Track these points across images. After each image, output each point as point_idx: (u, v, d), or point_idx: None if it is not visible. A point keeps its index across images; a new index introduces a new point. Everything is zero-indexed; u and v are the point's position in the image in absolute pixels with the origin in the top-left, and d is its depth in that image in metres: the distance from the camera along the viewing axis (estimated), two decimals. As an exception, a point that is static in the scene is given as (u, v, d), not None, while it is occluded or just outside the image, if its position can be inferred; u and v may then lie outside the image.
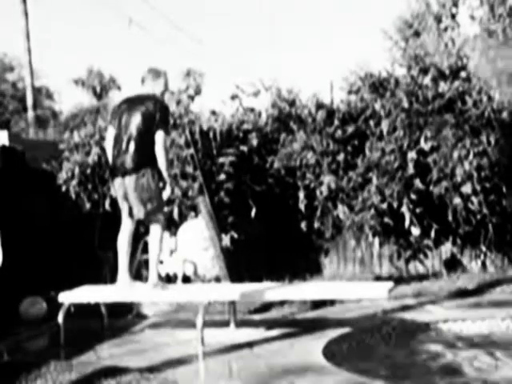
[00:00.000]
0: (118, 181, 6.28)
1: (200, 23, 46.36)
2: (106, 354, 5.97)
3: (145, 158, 6.16)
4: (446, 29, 26.22)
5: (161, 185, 6.28)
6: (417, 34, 26.76)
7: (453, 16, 26.43)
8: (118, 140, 6.27)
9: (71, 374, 5.12)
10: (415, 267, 9.57)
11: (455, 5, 26.31)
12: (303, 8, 49.63)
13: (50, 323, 6.94)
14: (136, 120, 6.19)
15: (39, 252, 8.81)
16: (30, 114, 21.97)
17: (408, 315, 6.92)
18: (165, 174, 6.18)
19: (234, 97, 10.06)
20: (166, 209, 9.35)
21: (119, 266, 6.40)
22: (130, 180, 6.16)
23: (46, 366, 5.33)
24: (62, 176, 9.76)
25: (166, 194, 6.30)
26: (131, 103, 6.37)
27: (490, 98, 9.10)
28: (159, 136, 6.11)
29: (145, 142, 6.14)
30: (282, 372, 5.02)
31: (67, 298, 6.46)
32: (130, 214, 6.31)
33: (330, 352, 5.46)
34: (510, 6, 23.86)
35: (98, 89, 34.46)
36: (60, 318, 6.32)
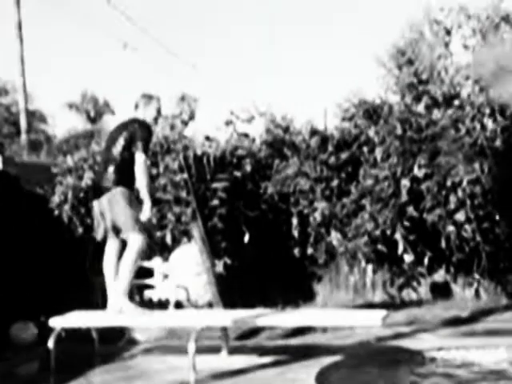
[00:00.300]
0: (95, 202, 6.30)
1: (194, 48, 46.57)
2: (97, 380, 5.92)
3: (122, 177, 6.16)
4: (439, 57, 26.39)
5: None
6: (410, 61, 26.91)
7: (446, 45, 26.63)
8: (100, 163, 6.33)
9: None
10: (408, 294, 9.54)
11: (448, 33, 26.53)
12: (297, 34, 49.94)
13: (40, 348, 6.87)
14: (117, 142, 6.22)
15: (30, 276, 8.75)
16: (24, 137, 21.93)
17: (401, 343, 6.88)
18: (143, 194, 6.15)
19: (228, 122, 10.09)
20: (157, 233, 9.40)
21: (108, 290, 6.36)
22: (105, 198, 6.17)
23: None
24: (55, 200, 9.74)
25: (144, 216, 6.22)
26: (117, 127, 6.45)
27: (483, 126, 9.13)
28: (138, 156, 6.11)
29: (124, 162, 6.16)
30: (274, 400, 4.98)
31: (58, 322, 6.39)
32: (105, 233, 6.31)
33: (322, 380, 5.42)
34: (501, 36, 24.07)
35: (92, 113, 34.46)
36: (51, 343, 6.25)
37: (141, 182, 6.12)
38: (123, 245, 6.34)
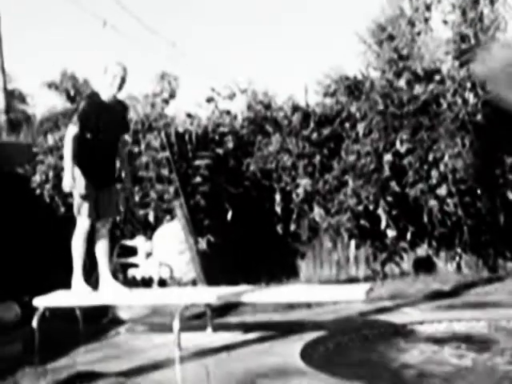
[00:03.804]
0: None
1: (173, 25, 46.20)
2: (82, 359, 5.90)
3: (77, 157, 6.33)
4: (419, 33, 26.37)
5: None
6: (391, 37, 26.89)
7: (426, 20, 26.60)
8: None
9: (46, 380, 5.05)
10: (391, 269, 9.59)
11: (428, 9, 26.48)
12: (276, 10, 49.68)
13: (24, 328, 6.84)
14: None
15: (13, 256, 8.70)
16: (3, 117, 21.74)
17: (384, 317, 6.92)
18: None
19: (209, 99, 10.04)
20: (140, 211, 9.37)
21: (75, 269, 6.36)
22: None
23: (21, 372, 5.26)
24: (36, 179, 9.67)
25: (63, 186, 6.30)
26: None
27: (464, 101, 9.14)
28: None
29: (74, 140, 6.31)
30: (259, 375, 4.98)
31: (42, 302, 6.37)
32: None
33: (307, 355, 5.44)
34: (481, 11, 24.08)
35: (72, 92, 34.15)
36: (34, 323, 6.23)
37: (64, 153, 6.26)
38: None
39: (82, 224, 6.32)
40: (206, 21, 49.39)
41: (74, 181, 6.18)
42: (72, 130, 6.17)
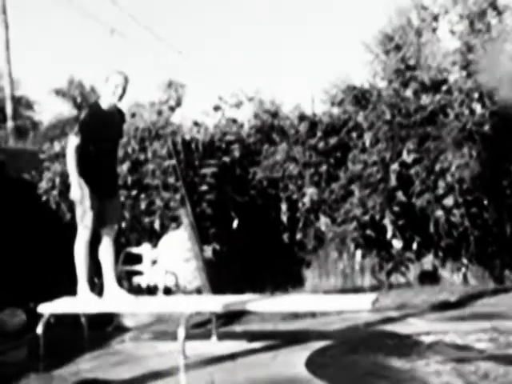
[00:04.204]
0: None
1: (181, 35, 46.37)
2: (87, 366, 5.89)
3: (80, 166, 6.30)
4: (426, 43, 26.39)
5: None
6: (398, 47, 26.90)
7: (433, 30, 26.63)
8: None
9: (51, 387, 5.05)
10: (397, 279, 9.57)
11: (435, 19, 26.52)
12: (283, 20, 49.79)
13: (29, 335, 6.83)
14: None
15: (18, 262, 8.70)
16: (10, 124, 21.79)
17: (390, 327, 6.90)
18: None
19: (216, 108, 10.06)
20: (146, 219, 9.36)
21: (80, 277, 6.35)
22: None
23: (26, 379, 5.25)
24: (43, 186, 9.69)
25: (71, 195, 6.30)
26: None
27: (471, 111, 9.13)
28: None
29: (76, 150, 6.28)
30: (264, 384, 4.97)
31: (47, 309, 6.36)
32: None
33: (312, 364, 5.42)
34: (488, 22, 24.10)
35: (79, 99, 34.24)
36: (39, 330, 6.22)
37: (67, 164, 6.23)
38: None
39: (84, 233, 6.31)
40: (212, 31, 49.54)
41: (82, 191, 6.18)
42: (73, 140, 6.17)
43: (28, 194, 9.53)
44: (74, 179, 6.16)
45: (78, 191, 6.15)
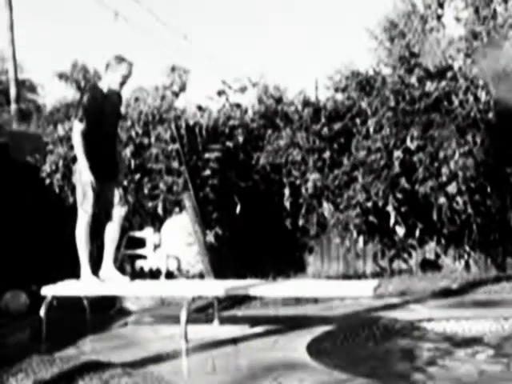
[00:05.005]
0: None
1: (186, 19, 46.26)
2: (89, 348, 5.92)
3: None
4: (431, 30, 26.30)
5: None
6: (402, 34, 26.82)
7: (438, 17, 26.52)
8: None
9: (53, 369, 5.05)
10: (399, 266, 9.57)
11: (441, 6, 26.40)
12: (288, 7, 49.64)
13: (32, 317, 6.85)
14: None
15: (21, 245, 8.72)
16: (13, 107, 21.77)
17: (392, 314, 6.90)
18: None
19: (220, 92, 10.04)
20: (149, 203, 9.37)
21: (82, 260, 6.36)
22: None
23: (28, 361, 5.26)
24: (46, 169, 9.70)
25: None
26: None
27: (476, 98, 9.10)
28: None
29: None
30: (266, 368, 4.97)
31: (49, 291, 6.38)
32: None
33: (314, 349, 5.43)
34: (494, 9, 24.00)
35: (82, 83, 34.20)
36: (42, 312, 6.24)
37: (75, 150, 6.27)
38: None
39: (84, 216, 6.31)
40: (218, 15, 49.40)
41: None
42: (78, 126, 6.17)
43: (31, 177, 9.54)
44: (83, 164, 6.17)
45: (90, 175, 6.16)
